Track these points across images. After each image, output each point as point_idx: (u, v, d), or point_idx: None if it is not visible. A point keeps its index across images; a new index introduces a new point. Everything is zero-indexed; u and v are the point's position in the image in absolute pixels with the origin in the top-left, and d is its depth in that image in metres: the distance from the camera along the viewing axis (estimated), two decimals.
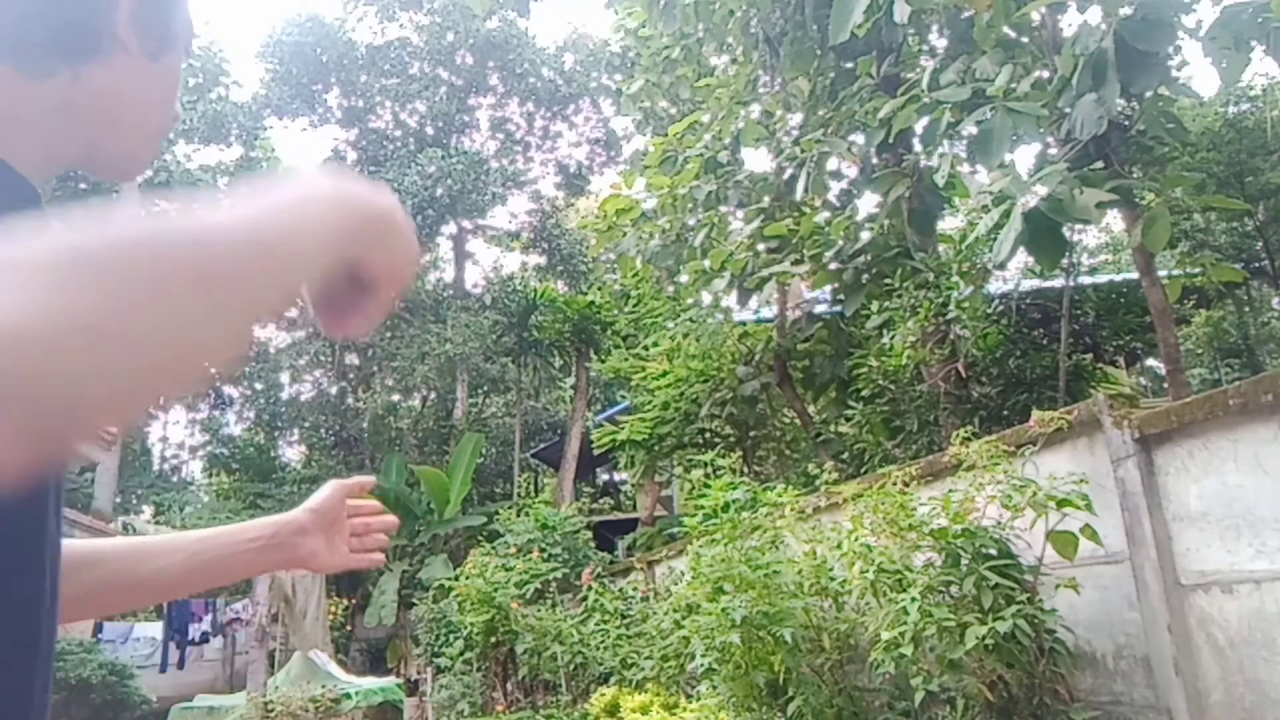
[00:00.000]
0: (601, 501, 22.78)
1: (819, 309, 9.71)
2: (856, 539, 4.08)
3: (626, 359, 13.55)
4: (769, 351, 9.65)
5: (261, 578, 9.46)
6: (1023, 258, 7.76)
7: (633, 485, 19.71)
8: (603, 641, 8.23)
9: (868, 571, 3.85)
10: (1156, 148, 5.80)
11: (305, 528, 1.01)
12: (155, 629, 17.50)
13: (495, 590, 9.03)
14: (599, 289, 19.91)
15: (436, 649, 11.26)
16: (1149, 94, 4.97)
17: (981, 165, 5.25)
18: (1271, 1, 3.75)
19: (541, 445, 22.68)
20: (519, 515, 12.23)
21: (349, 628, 18.79)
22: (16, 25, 0.65)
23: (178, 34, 0.75)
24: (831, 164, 7.52)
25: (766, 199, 8.31)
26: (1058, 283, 7.75)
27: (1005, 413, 7.08)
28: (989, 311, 7.41)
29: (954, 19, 6.19)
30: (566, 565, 10.64)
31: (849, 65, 7.45)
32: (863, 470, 7.42)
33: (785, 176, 7.83)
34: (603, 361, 16.74)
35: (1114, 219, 13.43)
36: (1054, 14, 5.62)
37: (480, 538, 14.26)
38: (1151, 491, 3.43)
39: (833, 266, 7.92)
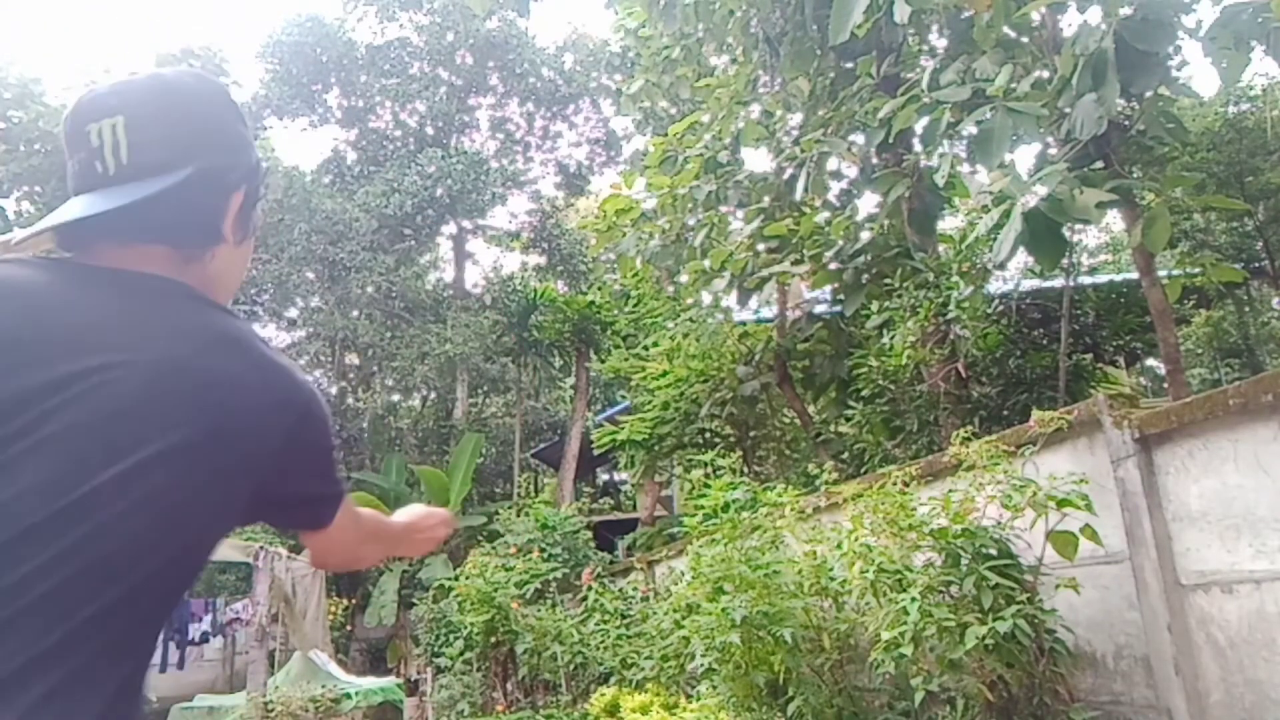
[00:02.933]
0: (601, 501, 22.78)
1: (819, 309, 9.70)
2: (856, 539, 4.08)
3: (626, 359, 13.55)
4: (769, 351, 9.65)
5: (261, 578, 9.45)
6: (1023, 258, 7.76)
7: (633, 485, 19.70)
8: (603, 641, 8.22)
9: (868, 571, 3.85)
10: (1156, 148, 5.80)
11: None
12: None
13: (495, 590, 9.03)
14: (599, 289, 19.90)
15: (436, 649, 11.27)
16: (1149, 94, 4.96)
17: (981, 165, 5.25)
18: (1271, 1, 3.74)
19: (541, 445, 22.68)
20: (519, 515, 12.24)
21: (349, 628, 18.78)
22: (171, 220, 1.03)
23: (255, 226, 1.16)
24: (831, 164, 7.52)
25: (766, 199, 8.30)
26: (1058, 283, 7.74)
27: (1005, 413, 7.07)
28: (989, 311, 7.40)
29: (954, 19, 6.18)
30: (566, 565, 10.65)
31: (849, 65, 7.45)
32: (863, 470, 7.42)
33: (785, 176, 7.82)
34: (603, 361, 16.74)
35: (1114, 219, 13.44)
36: (1054, 14, 5.61)
37: (480, 538, 14.27)
38: (1151, 491, 3.43)
39: (833, 266, 7.91)
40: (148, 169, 1.00)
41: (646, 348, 12.78)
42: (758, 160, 25.70)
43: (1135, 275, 6.82)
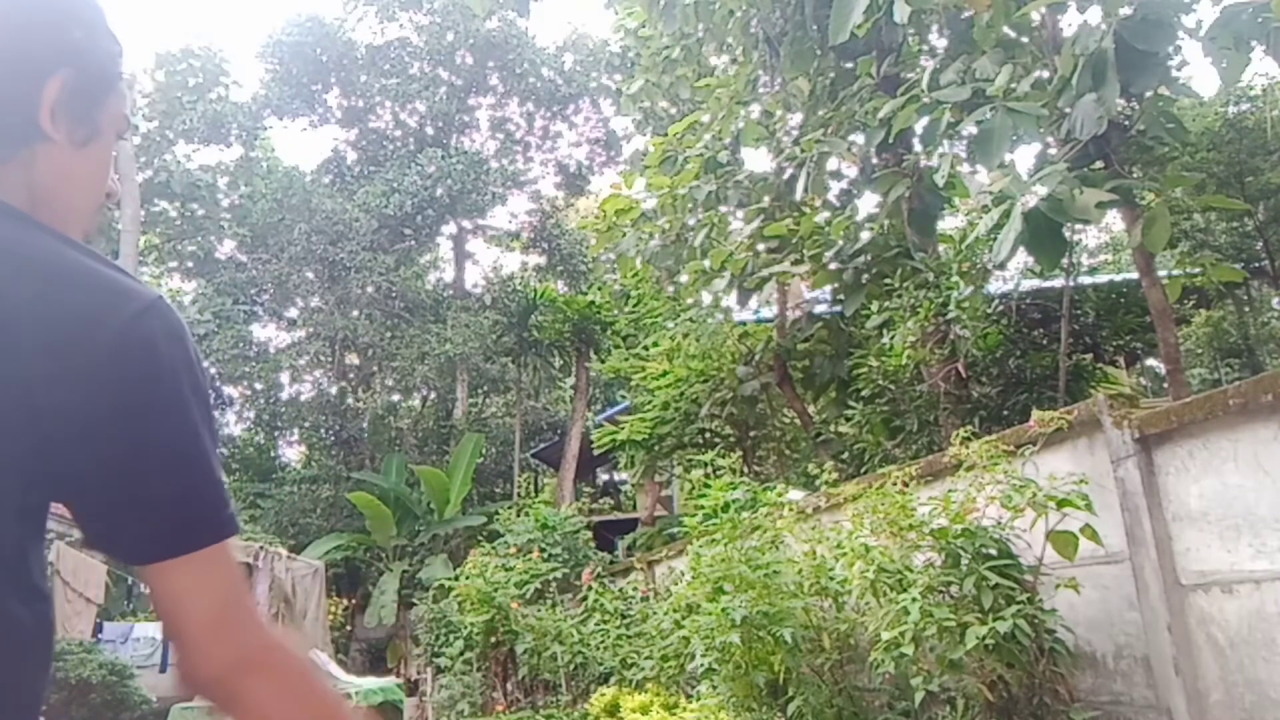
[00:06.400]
0: (601, 501, 22.76)
1: (819, 309, 9.71)
2: (856, 539, 4.08)
3: (626, 359, 13.55)
4: (769, 351, 9.65)
5: (261, 578, 9.45)
6: (1023, 258, 7.75)
7: (633, 485, 19.71)
8: (603, 641, 8.22)
9: (868, 571, 3.85)
10: (1156, 148, 5.80)
11: None
12: (155, 629, 17.46)
13: (495, 590, 9.03)
14: (599, 289, 19.90)
15: (436, 649, 11.26)
16: (1149, 94, 4.97)
17: (981, 165, 5.25)
18: (1271, 1, 3.74)
19: (541, 445, 22.67)
20: (519, 515, 12.23)
21: (349, 628, 18.79)
22: None
23: (103, 125, 0.91)
24: (831, 164, 7.52)
25: (766, 199, 8.30)
26: (1058, 283, 7.74)
27: (1005, 413, 7.07)
28: (989, 311, 7.40)
29: (954, 19, 6.18)
30: (566, 565, 10.64)
31: (849, 65, 7.45)
32: (863, 470, 7.42)
33: (785, 176, 7.83)
34: (603, 361, 16.74)
35: (1114, 219, 13.43)
36: (1054, 14, 5.61)
37: (480, 538, 14.26)
38: (1151, 491, 3.43)
39: (833, 266, 7.91)
40: None
41: (646, 348, 12.78)
42: (758, 160, 25.67)
43: (1135, 275, 6.82)
